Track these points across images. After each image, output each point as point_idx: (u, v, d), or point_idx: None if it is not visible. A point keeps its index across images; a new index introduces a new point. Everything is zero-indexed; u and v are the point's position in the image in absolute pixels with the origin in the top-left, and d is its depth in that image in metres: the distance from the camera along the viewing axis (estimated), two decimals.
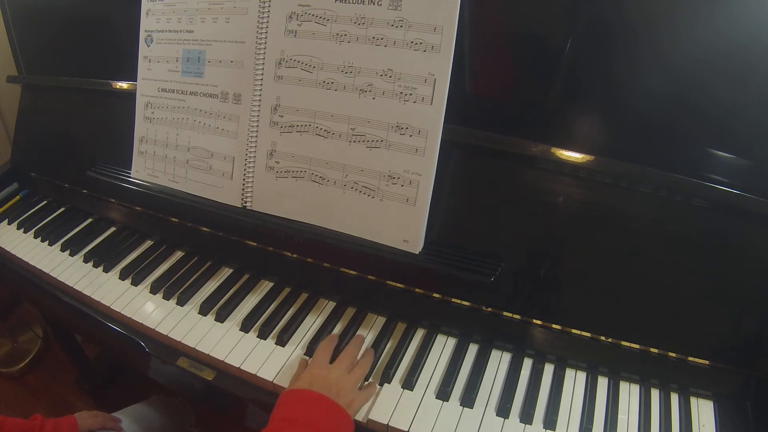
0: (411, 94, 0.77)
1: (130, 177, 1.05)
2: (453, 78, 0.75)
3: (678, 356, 0.75)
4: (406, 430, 0.73)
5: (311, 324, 0.90)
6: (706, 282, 0.73)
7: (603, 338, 0.78)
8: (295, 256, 0.94)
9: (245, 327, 0.89)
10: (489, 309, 0.83)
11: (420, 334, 0.87)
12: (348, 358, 0.78)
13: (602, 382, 0.79)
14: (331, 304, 0.93)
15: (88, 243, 1.13)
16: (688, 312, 0.74)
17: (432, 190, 0.78)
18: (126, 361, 1.09)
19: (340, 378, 0.73)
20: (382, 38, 0.78)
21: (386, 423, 0.74)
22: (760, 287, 0.71)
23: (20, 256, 1.11)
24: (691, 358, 0.75)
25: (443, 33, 0.74)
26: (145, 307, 0.95)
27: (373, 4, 0.77)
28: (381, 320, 0.90)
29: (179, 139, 0.98)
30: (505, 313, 0.82)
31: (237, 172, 0.92)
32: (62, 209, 1.26)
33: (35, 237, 1.16)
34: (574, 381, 0.80)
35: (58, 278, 1.04)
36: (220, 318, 0.91)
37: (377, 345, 0.85)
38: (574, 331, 0.79)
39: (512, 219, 0.80)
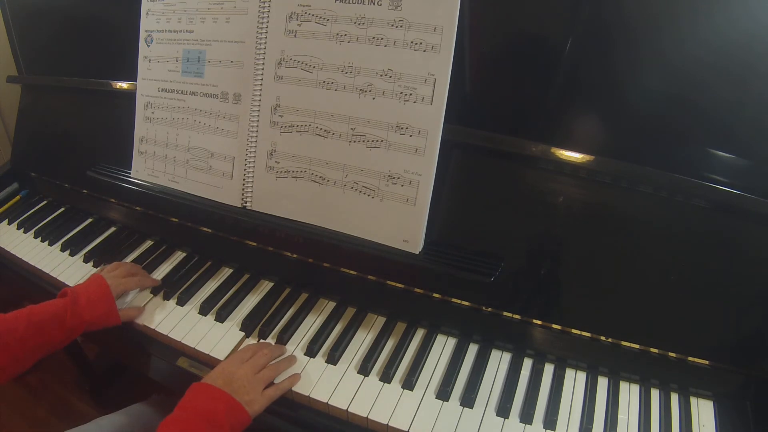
0: (411, 94, 0.77)
1: (130, 177, 1.05)
2: (453, 78, 0.75)
3: (678, 356, 0.75)
4: (406, 430, 0.73)
5: (311, 324, 0.90)
6: (706, 282, 0.73)
7: (603, 338, 0.78)
8: (295, 256, 0.94)
9: (245, 327, 0.89)
10: (489, 309, 0.83)
11: (420, 334, 0.87)
12: (261, 360, 0.79)
13: (602, 382, 0.79)
14: (331, 304, 0.93)
15: (88, 243, 1.13)
16: (688, 312, 0.74)
17: (432, 190, 0.78)
18: (126, 361, 1.09)
19: (244, 377, 0.76)
20: (382, 38, 0.78)
21: (386, 423, 0.74)
22: (760, 287, 0.71)
23: (20, 256, 1.11)
24: (691, 358, 0.75)
25: (443, 33, 0.74)
26: (145, 307, 0.95)
27: (373, 4, 0.77)
28: (381, 320, 0.90)
29: (179, 139, 0.98)
30: (505, 313, 0.82)
31: (237, 172, 0.92)
32: (62, 209, 1.26)
33: (35, 237, 1.16)
34: (574, 381, 0.79)
35: (58, 278, 1.04)
36: (220, 318, 0.91)
37: (377, 345, 0.85)
38: (574, 331, 0.79)
39: (512, 219, 0.80)
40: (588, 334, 0.78)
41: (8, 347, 0.78)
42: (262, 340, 0.87)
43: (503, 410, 0.75)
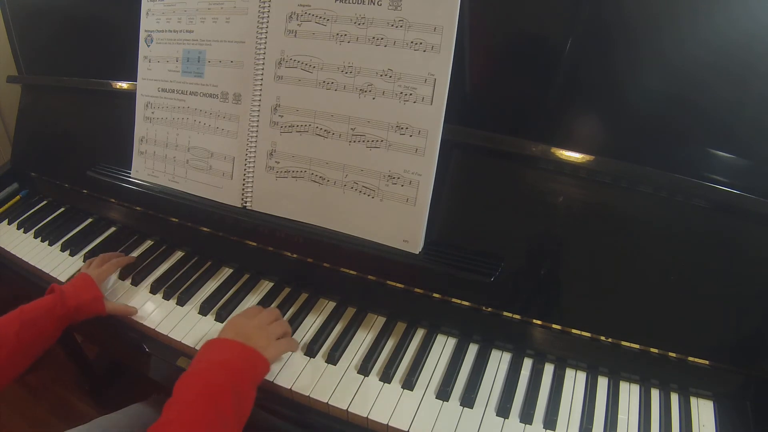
0: (411, 94, 0.77)
1: (130, 177, 1.05)
2: (453, 78, 0.75)
3: (678, 356, 0.75)
4: (406, 430, 0.73)
5: (311, 324, 0.90)
6: (706, 282, 0.73)
7: (603, 338, 0.78)
8: (295, 256, 0.94)
9: None
10: (489, 309, 0.83)
11: (420, 334, 0.87)
12: (271, 314, 0.83)
13: (602, 382, 0.79)
14: (331, 304, 0.93)
15: (88, 243, 1.13)
16: (688, 312, 0.74)
17: (432, 190, 0.78)
18: (126, 361, 1.09)
19: (256, 327, 0.78)
20: (382, 38, 0.78)
21: (386, 423, 0.74)
22: (760, 287, 0.71)
23: (20, 256, 1.11)
24: (691, 358, 0.75)
25: (443, 33, 0.74)
26: (145, 307, 0.95)
27: (373, 4, 0.77)
28: (381, 320, 0.90)
29: (179, 139, 0.98)
30: (505, 313, 0.82)
31: (237, 172, 0.92)
32: (62, 209, 1.26)
33: (35, 237, 1.16)
34: (574, 381, 0.79)
35: (58, 278, 1.04)
36: (220, 318, 0.91)
37: (377, 345, 0.85)
38: (574, 331, 0.79)
39: (512, 219, 0.80)
40: (588, 334, 0.78)
41: (5, 347, 0.78)
42: None
43: (503, 410, 0.75)
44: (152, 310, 0.94)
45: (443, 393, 0.77)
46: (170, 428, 0.63)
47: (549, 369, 0.81)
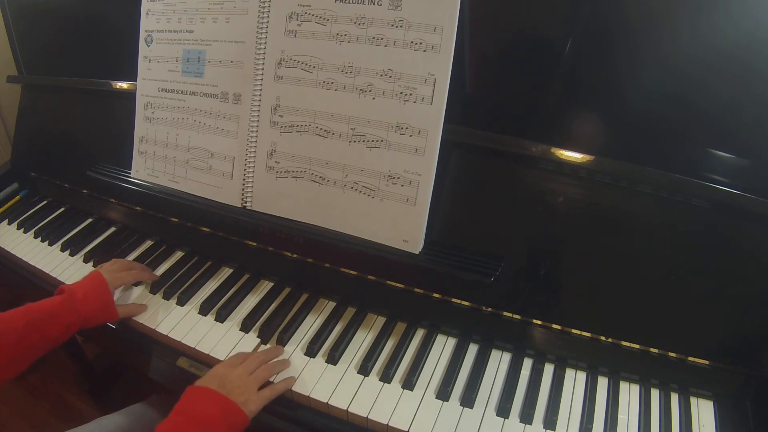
0: (411, 94, 0.77)
1: (130, 177, 1.05)
2: (453, 78, 0.75)
3: (678, 356, 0.75)
4: (406, 430, 0.73)
5: (311, 324, 0.90)
6: (706, 282, 0.73)
7: (603, 338, 0.78)
8: (295, 256, 0.94)
9: (245, 327, 0.89)
10: (489, 309, 0.83)
11: (420, 334, 0.87)
12: (254, 362, 0.79)
13: (602, 382, 0.79)
14: (331, 304, 0.93)
15: (88, 243, 1.13)
16: (688, 312, 0.74)
17: (432, 190, 0.78)
18: (126, 361, 1.09)
19: (238, 378, 0.76)
20: (382, 38, 0.78)
21: (386, 423, 0.74)
22: (760, 287, 0.71)
23: (20, 256, 1.11)
24: (691, 358, 0.75)
25: (443, 33, 0.74)
26: (146, 305, 0.94)
27: (373, 4, 0.77)
28: (381, 320, 0.90)
29: (179, 139, 0.98)
30: (505, 313, 0.82)
31: (237, 172, 0.92)
32: (62, 209, 1.26)
33: (35, 237, 1.16)
34: (574, 381, 0.79)
35: (58, 278, 1.04)
36: (220, 318, 0.91)
37: (377, 345, 0.85)
38: (574, 331, 0.79)
39: (512, 219, 0.80)
40: (588, 334, 0.78)
41: (7, 347, 0.78)
42: (261, 340, 0.87)
43: (503, 410, 0.75)
44: (152, 310, 0.94)
45: (443, 393, 0.77)
46: None
47: (549, 369, 0.81)
